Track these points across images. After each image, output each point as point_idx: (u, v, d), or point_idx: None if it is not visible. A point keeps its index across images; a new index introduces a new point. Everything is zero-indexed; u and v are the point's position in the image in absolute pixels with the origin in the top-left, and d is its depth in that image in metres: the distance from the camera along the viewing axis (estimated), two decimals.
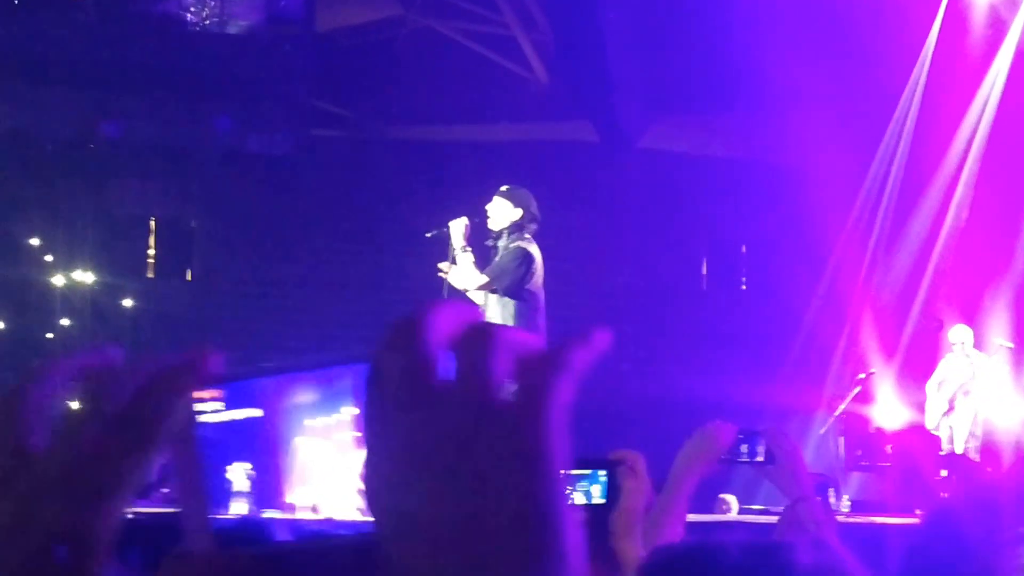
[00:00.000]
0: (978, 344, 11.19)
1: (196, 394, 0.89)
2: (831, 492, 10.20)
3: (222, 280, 13.57)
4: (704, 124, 13.79)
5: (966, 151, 13.18)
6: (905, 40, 12.82)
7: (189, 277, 14.06)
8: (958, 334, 11.05)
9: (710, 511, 9.91)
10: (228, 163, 13.43)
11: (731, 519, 9.06)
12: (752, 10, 11.65)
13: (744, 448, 2.73)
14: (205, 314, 13.29)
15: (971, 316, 12.04)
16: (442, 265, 8.20)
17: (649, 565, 1.91)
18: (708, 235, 13.98)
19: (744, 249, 14.15)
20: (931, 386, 11.09)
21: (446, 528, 0.73)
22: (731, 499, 10.12)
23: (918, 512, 8.51)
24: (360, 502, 0.80)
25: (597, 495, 1.93)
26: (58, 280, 12.86)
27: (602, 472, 1.92)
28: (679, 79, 13.02)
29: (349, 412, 0.85)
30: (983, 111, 13.09)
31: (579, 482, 1.92)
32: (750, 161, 13.61)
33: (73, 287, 12.95)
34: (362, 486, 0.76)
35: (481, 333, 0.75)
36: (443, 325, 0.75)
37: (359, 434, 0.81)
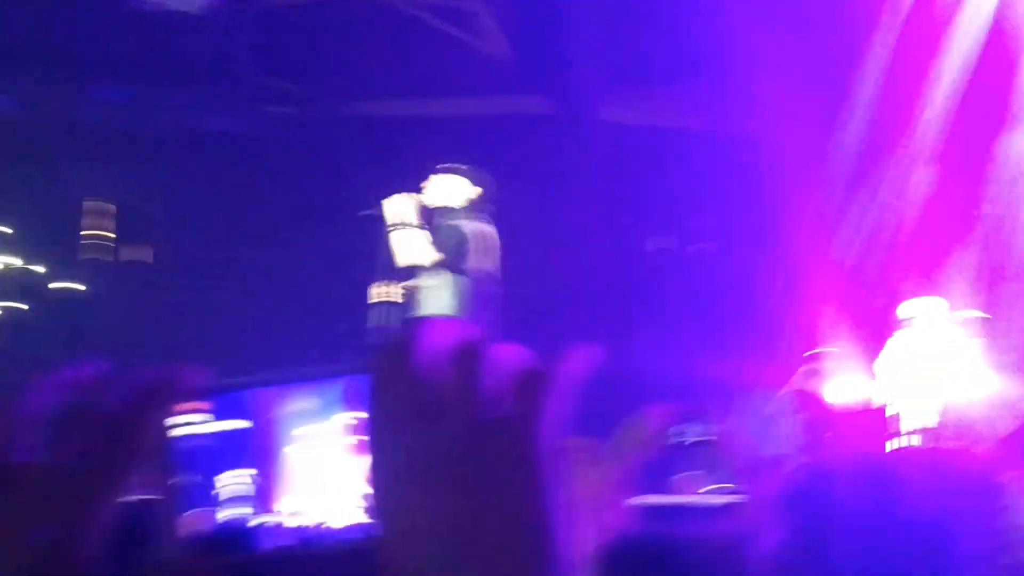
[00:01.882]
0: (937, 319, 11.15)
1: (185, 406, 0.95)
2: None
3: (183, 262, 13.47)
4: (661, 95, 13.71)
5: (929, 117, 13.15)
6: (869, 4, 12.75)
7: (150, 260, 13.93)
8: (913, 308, 11.03)
9: (669, 492, 9.88)
10: (184, 144, 13.30)
11: (688, 501, 8.99)
12: None
13: (687, 430, 2.66)
14: (166, 297, 13.19)
15: (930, 289, 12.02)
16: (383, 289, 8.12)
17: (607, 557, 1.87)
18: (666, 207, 13.91)
19: (703, 221, 14.10)
20: (887, 362, 11.04)
21: (447, 534, 0.76)
22: (693, 479, 10.05)
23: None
24: (356, 506, 0.86)
25: None
26: (10, 265, 12.73)
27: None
28: (636, 50, 12.93)
29: (340, 421, 0.92)
30: (950, 78, 13.05)
31: None
32: (709, 131, 13.53)
33: (27, 273, 12.83)
34: (368, 492, 0.80)
35: (475, 349, 0.81)
36: (438, 341, 0.80)
37: (351, 442, 0.87)
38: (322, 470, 1.00)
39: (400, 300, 8.26)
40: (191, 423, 0.95)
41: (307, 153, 13.54)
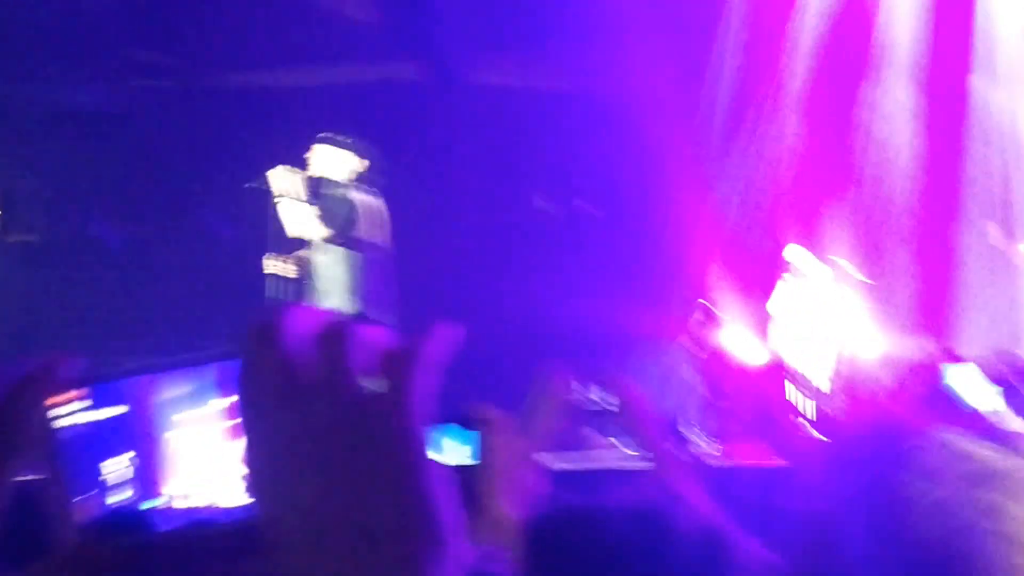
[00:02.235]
0: (819, 268, 11.30)
1: (62, 396, 0.96)
2: (695, 431, 10.16)
3: (48, 242, 13.16)
4: (530, 56, 13.75)
5: (791, 66, 13.37)
6: None
7: (16, 244, 13.58)
8: (791, 255, 11.13)
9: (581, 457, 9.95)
10: (43, 121, 12.97)
11: (601, 466, 9.07)
12: None
13: (591, 392, 2.66)
14: (33, 278, 12.90)
15: (809, 237, 12.22)
16: (271, 262, 8.06)
17: (529, 531, 1.88)
18: (542, 168, 13.96)
19: (581, 179, 14.17)
20: (773, 306, 11.15)
21: (325, 512, 0.78)
22: (614, 442, 10.14)
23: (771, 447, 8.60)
24: (239, 487, 0.89)
25: (467, 455, 1.85)
26: None
27: (469, 431, 1.86)
28: (501, 11, 12.94)
29: (216, 405, 0.94)
30: (809, 25, 13.27)
31: (445, 441, 1.86)
32: (579, 91, 13.61)
33: None
34: (244, 473, 0.81)
35: (339, 331, 0.82)
36: (300, 326, 0.82)
37: (228, 424, 0.90)
38: (204, 453, 1.02)
39: (293, 273, 8.22)
40: (70, 412, 0.97)
41: (178, 127, 13.31)
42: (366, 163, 8.14)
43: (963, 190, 12.95)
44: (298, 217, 8.02)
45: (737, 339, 11.95)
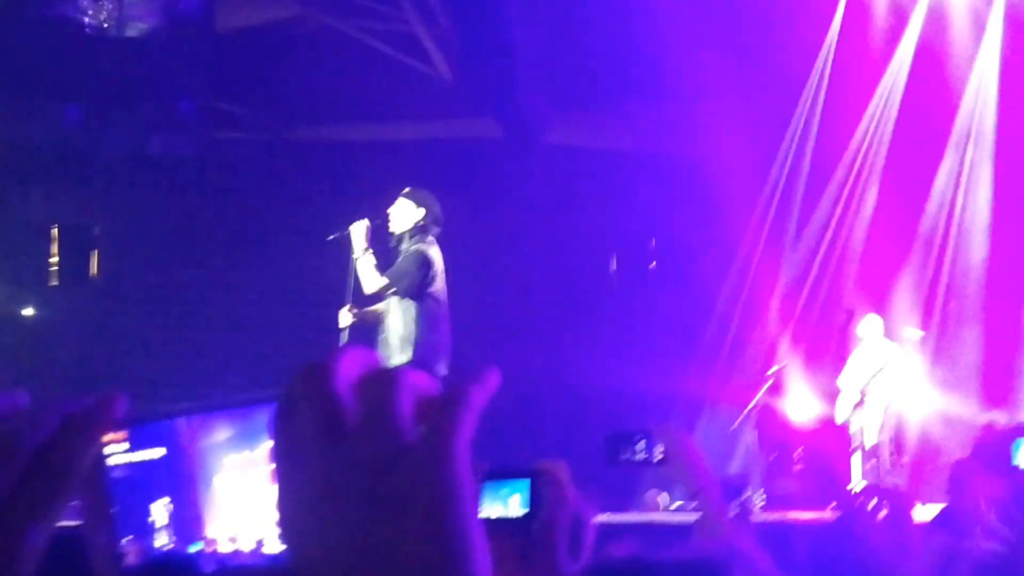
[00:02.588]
0: (889, 334, 11.29)
1: (111, 436, 0.94)
2: (748, 491, 10.21)
3: (126, 286, 13.35)
4: (609, 118, 13.81)
5: (871, 139, 13.32)
6: (808, 30, 12.92)
7: (93, 284, 13.78)
8: (867, 325, 11.16)
9: (640, 509, 9.94)
10: (130, 167, 13.21)
11: (657, 519, 9.06)
12: (656, 3, 11.67)
13: (641, 447, 2.75)
14: (109, 321, 13.08)
15: (880, 306, 12.16)
16: (346, 311, 8.15)
17: None
18: (616, 230, 13.96)
19: (653, 242, 14.17)
20: (843, 380, 11.17)
21: (359, 559, 0.77)
22: (664, 496, 10.14)
23: (831, 508, 8.55)
24: (277, 534, 0.84)
25: (517, 505, 1.85)
26: None
27: (524, 482, 1.86)
28: (583, 73, 13.02)
29: (266, 448, 0.90)
30: (887, 99, 13.24)
31: (500, 492, 1.86)
32: (656, 154, 13.62)
33: None
34: (276, 519, 0.81)
35: (384, 376, 0.81)
36: (349, 369, 0.81)
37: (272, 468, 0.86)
38: (250, 497, 1.03)
39: (359, 322, 8.29)
40: (118, 453, 0.97)
41: (255, 177, 13.52)
42: (431, 215, 8.19)
43: None
44: (373, 270, 8.09)
45: (803, 406, 11.91)
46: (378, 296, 8.18)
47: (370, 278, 8.11)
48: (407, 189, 8.35)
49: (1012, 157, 12.84)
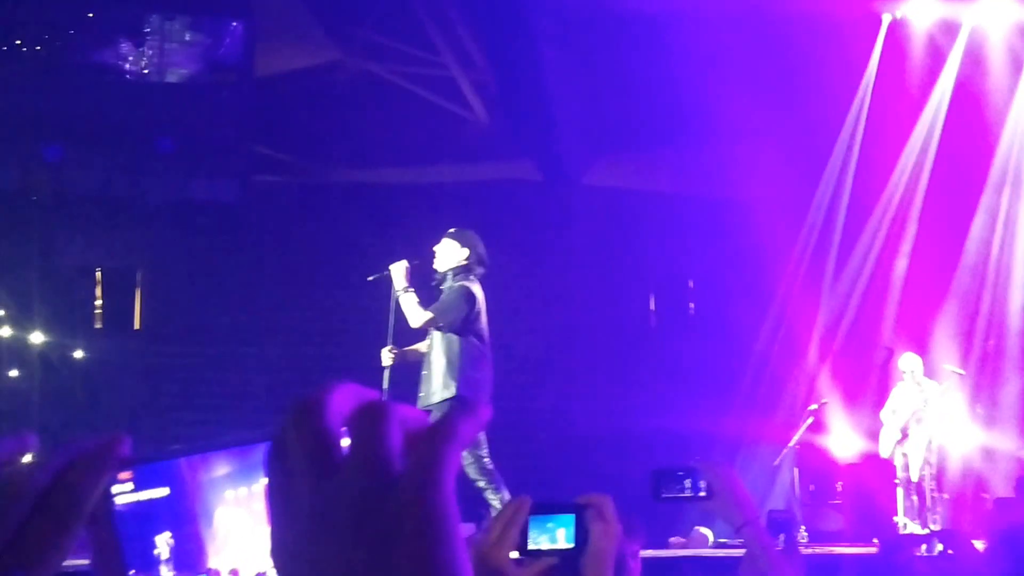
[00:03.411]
0: (928, 371, 11.30)
1: (116, 475, 0.96)
2: (794, 526, 10.22)
3: (170, 330, 13.44)
4: (647, 159, 13.86)
5: (910, 179, 13.33)
6: (845, 70, 12.97)
7: (137, 328, 13.89)
8: (908, 362, 11.17)
9: (686, 545, 9.94)
10: (173, 212, 13.33)
11: (705, 553, 9.07)
12: (692, 44, 11.74)
13: (687, 484, 2.78)
14: (154, 365, 13.16)
15: (920, 343, 12.15)
16: (387, 351, 8.23)
17: None
18: (655, 270, 14.00)
19: (691, 283, 14.19)
20: (885, 414, 11.17)
21: None
22: (707, 531, 10.16)
23: (875, 541, 8.54)
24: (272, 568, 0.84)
25: (563, 539, 1.88)
26: (4, 332, 12.71)
27: (569, 516, 1.89)
28: (621, 115, 13.09)
29: (264, 483, 0.90)
30: (926, 139, 13.25)
31: (546, 525, 1.89)
32: (695, 195, 13.67)
33: (20, 340, 12.80)
34: (271, 554, 0.81)
35: (373, 410, 0.81)
36: (340, 404, 0.81)
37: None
38: (249, 530, 1.05)
39: (401, 362, 8.36)
40: (125, 492, 0.99)
41: (296, 221, 13.62)
42: (473, 254, 8.27)
43: None
44: (417, 306, 8.18)
45: (845, 442, 11.92)
46: (423, 331, 8.26)
47: (414, 313, 8.18)
48: (452, 229, 8.44)
49: None
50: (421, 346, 8.42)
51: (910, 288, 13.02)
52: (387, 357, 8.33)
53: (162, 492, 1.01)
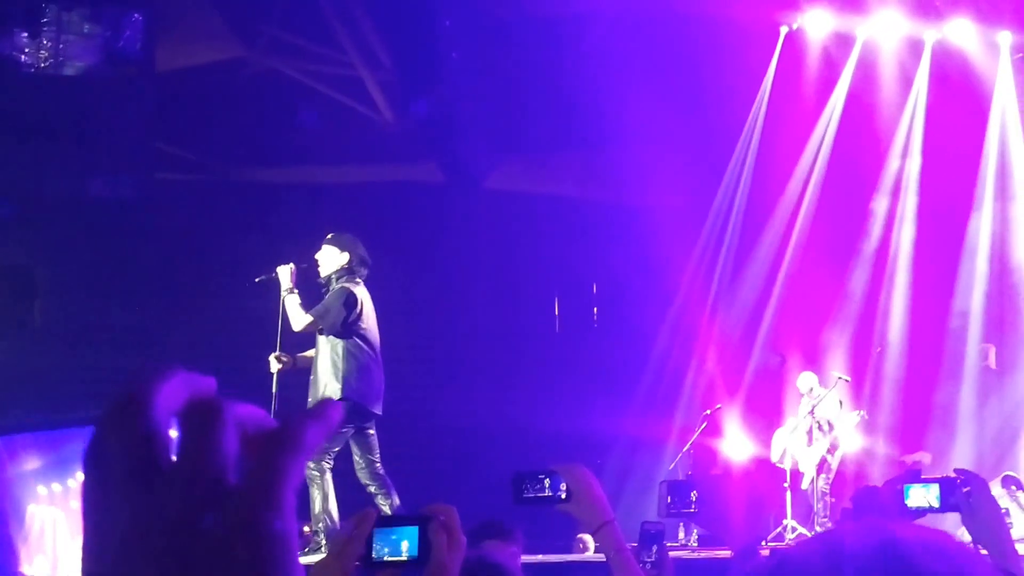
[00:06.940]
0: (820, 379, 11.50)
1: None
2: (680, 527, 10.33)
3: (66, 329, 13.22)
4: (550, 164, 13.89)
5: (803, 186, 13.57)
6: (744, 79, 13.15)
7: (32, 326, 13.65)
8: (805, 382, 11.40)
9: (569, 551, 9.98)
10: (70, 208, 13.11)
11: (588, 559, 9.10)
12: (596, 50, 11.81)
13: (547, 485, 2.86)
14: (49, 364, 12.94)
15: (811, 349, 12.36)
16: (274, 358, 8.18)
17: None
18: (558, 274, 14.03)
19: (594, 287, 14.24)
20: (783, 433, 11.38)
21: None
22: (588, 539, 10.18)
23: (764, 544, 8.62)
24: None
25: (406, 551, 1.88)
26: None
27: (413, 527, 1.88)
28: (524, 118, 13.12)
29: (79, 479, 0.78)
30: (819, 149, 13.55)
31: (390, 537, 1.87)
32: (597, 200, 13.73)
33: None
34: (80, 565, 0.70)
35: (204, 408, 0.71)
36: (169, 398, 0.70)
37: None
38: (70, 529, 0.98)
39: (291, 368, 8.31)
40: None
41: (196, 220, 13.46)
42: (360, 258, 8.28)
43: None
44: (298, 308, 8.16)
45: (739, 445, 12.09)
46: (306, 334, 8.23)
47: (296, 315, 8.18)
48: (330, 235, 8.46)
49: (934, 204, 13.21)
50: (310, 352, 8.38)
51: (802, 294, 13.24)
52: (275, 363, 8.27)
53: None
